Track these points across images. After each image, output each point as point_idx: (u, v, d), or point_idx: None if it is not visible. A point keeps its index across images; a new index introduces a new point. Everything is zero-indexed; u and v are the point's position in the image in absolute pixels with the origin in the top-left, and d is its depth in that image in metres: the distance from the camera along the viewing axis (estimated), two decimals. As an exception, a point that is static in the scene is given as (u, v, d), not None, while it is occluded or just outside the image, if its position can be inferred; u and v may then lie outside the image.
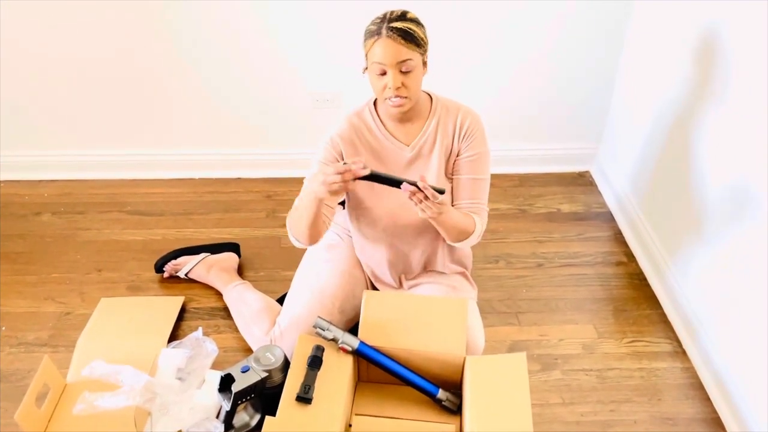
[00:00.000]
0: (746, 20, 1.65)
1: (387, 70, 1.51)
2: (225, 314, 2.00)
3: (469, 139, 1.67)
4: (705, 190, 1.85)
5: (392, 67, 1.50)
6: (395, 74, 1.51)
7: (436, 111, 1.68)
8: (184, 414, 1.63)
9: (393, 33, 1.48)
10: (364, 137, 1.68)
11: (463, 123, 1.67)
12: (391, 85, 1.52)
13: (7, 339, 1.92)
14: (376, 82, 1.55)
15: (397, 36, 1.48)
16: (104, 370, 1.67)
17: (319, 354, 1.54)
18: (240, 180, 2.58)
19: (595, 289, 2.13)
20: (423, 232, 1.75)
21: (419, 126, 1.68)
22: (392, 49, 1.49)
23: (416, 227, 1.73)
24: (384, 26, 1.50)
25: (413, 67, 1.52)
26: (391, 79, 1.51)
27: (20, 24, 2.22)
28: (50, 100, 2.40)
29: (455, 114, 1.68)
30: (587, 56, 2.38)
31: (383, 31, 1.49)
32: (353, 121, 1.68)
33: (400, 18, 1.51)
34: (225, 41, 2.30)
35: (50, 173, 2.56)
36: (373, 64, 1.52)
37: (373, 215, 1.74)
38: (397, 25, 1.49)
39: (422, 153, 1.68)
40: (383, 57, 1.50)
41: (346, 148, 1.67)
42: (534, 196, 2.53)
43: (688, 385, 1.83)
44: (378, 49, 1.50)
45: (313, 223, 1.60)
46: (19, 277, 2.13)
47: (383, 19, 1.51)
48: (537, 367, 1.87)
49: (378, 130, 1.68)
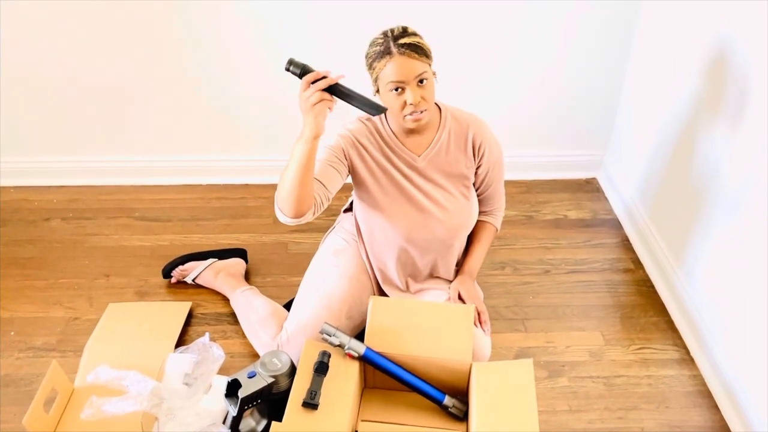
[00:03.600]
0: (753, 27, 1.65)
1: (405, 86, 1.52)
2: (232, 319, 2.00)
3: (485, 153, 1.71)
4: (712, 196, 1.84)
5: (410, 83, 1.52)
6: (414, 89, 1.52)
7: (446, 122, 1.70)
8: (190, 419, 1.63)
9: (405, 49, 1.50)
10: (376, 141, 1.70)
11: (475, 140, 1.71)
12: (411, 100, 1.53)
13: (16, 344, 1.93)
14: (394, 101, 1.55)
15: (410, 51, 1.50)
16: (109, 376, 1.67)
17: (325, 360, 1.54)
18: (247, 186, 2.59)
19: (603, 295, 2.12)
20: (435, 245, 1.77)
21: (429, 137, 1.69)
22: (408, 65, 1.50)
23: (429, 232, 1.74)
24: (392, 45, 1.50)
25: (428, 77, 1.54)
26: (411, 95, 1.52)
27: (27, 29, 2.24)
28: (58, 107, 2.41)
29: (465, 128, 1.71)
30: (594, 63, 2.38)
31: (393, 49, 1.50)
32: (367, 125, 1.71)
33: (404, 34, 1.53)
34: (232, 47, 2.31)
35: (59, 179, 2.57)
36: (388, 83, 1.53)
37: (385, 230, 1.75)
38: (405, 41, 1.51)
39: (434, 162, 1.70)
40: (401, 75, 1.50)
41: (357, 145, 1.68)
42: (541, 202, 2.53)
43: (695, 392, 1.82)
44: (393, 67, 1.50)
45: (299, 180, 1.47)
46: (28, 282, 2.14)
47: (387, 38, 1.52)
48: (544, 373, 1.86)
49: (390, 140, 1.69)
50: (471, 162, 1.73)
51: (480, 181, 1.77)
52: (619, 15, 2.27)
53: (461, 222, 1.76)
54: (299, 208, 1.53)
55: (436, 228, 1.73)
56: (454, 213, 1.74)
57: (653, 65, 2.21)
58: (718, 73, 1.81)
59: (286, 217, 1.56)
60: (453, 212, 1.74)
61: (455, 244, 1.80)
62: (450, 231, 1.75)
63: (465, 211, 1.76)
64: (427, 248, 1.77)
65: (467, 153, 1.71)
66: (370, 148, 1.70)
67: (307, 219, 1.57)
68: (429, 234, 1.74)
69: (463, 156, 1.71)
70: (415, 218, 1.72)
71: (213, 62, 2.34)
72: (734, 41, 1.74)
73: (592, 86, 2.43)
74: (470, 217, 1.78)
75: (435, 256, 1.80)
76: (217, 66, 2.35)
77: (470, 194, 1.77)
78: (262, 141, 2.53)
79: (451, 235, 1.76)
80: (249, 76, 2.38)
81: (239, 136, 2.52)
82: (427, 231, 1.73)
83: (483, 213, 1.87)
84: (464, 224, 1.78)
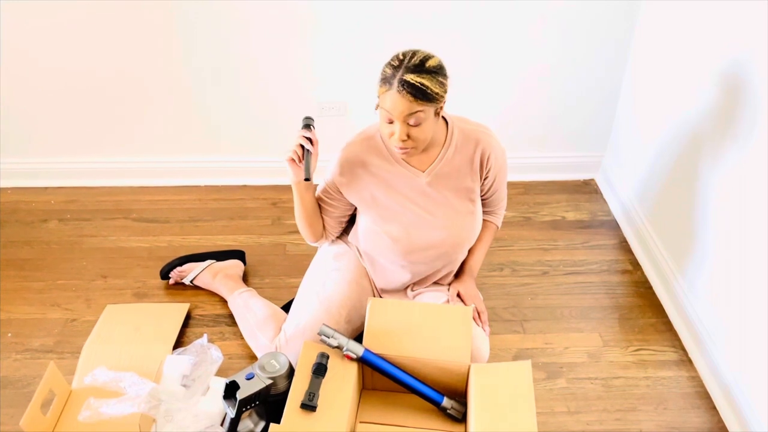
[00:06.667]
0: (753, 29, 1.65)
1: (394, 120, 1.50)
2: (230, 321, 2.00)
3: (492, 165, 1.71)
4: (710, 197, 1.84)
5: (399, 121, 1.49)
6: (402, 127, 1.49)
7: (452, 137, 1.67)
8: (188, 421, 1.63)
9: (404, 89, 1.44)
10: (373, 166, 1.68)
11: (484, 154, 1.68)
12: (396, 137, 1.51)
13: (13, 345, 1.93)
14: (384, 127, 1.54)
15: (407, 92, 1.44)
16: (107, 377, 1.67)
17: (323, 361, 1.54)
18: (245, 187, 2.59)
19: (601, 297, 2.12)
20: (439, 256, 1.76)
21: (435, 152, 1.67)
22: (400, 105, 1.46)
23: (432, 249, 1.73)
24: (397, 78, 1.45)
25: (422, 120, 1.49)
26: (398, 131, 1.50)
27: (25, 30, 2.23)
28: (57, 108, 2.41)
29: (473, 142, 1.68)
30: (593, 65, 2.38)
31: (395, 83, 1.45)
32: (363, 148, 1.68)
33: (417, 68, 1.45)
34: (232, 49, 2.31)
35: (57, 180, 2.57)
36: (382, 109, 1.51)
37: (387, 247, 1.74)
38: (410, 78, 1.44)
39: (439, 178, 1.68)
40: (391, 109, 1.48)
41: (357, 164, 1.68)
42: (539, 203, 2.53)
43: (694, 394, 1.82)
44: (387, 100, 1.47)
45: (306, 218, 1.73)
46: (26, 283, 2.14)
47: (399, 66, 1.46)
48: (542, 375, 1.86)
49: (391, 157, 1.67)
50: (477, 176, 1.70)
51: (486, 189, 1.76)
52: (618, 17, 2.27)
53: (464, 238, 1.75)
54: (315, 237, 1.81)
55: (438, 246, 1.72)
56: (457, 230, 1.72)
57: (652, 66, 2.21)
58: (717, 75, 1.82)
59: (311, 243, 1.84)
60: (455, 229, 1.72)
61: (459, 258, 1.80)
62: (453, 246, 1.74)
63: (468, 227, 1.74)
64: (430, 265, 1.77)
65: (474, 167, 1.69)
66: (374, 164, 1.67)
67: (325, 242, 1.86)
68: (431, 252, 1.73)
69: (469, 170, 1.69)
70: (417, 238, 1.71)
71: (211, 63, 2.34)
72: (734, 43, 1.74)
73: (591, 87, 2.44)
74: (473, 231, 1.77)
75: (439, 269, 1.80)
76: (215, 67, 2.35)
77: (475, 208, 1.74)
78: (261, 142, 2.53)
79: (454, 250, 1.75)
80: (248, 77, 2.37)
81: (238, 137, 2.52)
82: (429, 249, 1.72)
83: (485, 213, 1.86)
84: (467, 239, 1.77)
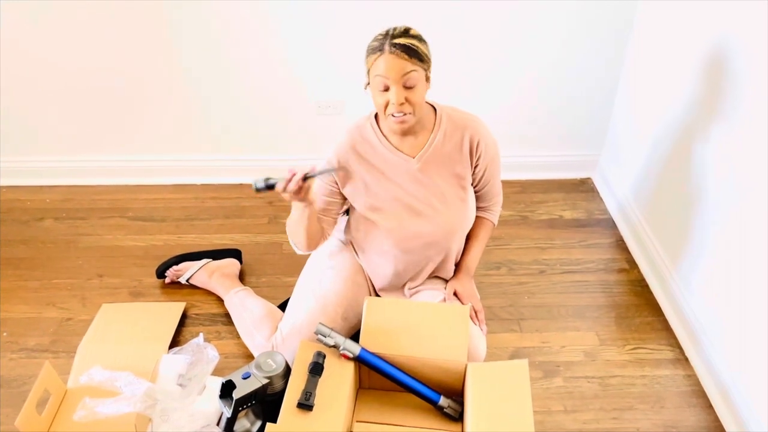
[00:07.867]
0: (750, 27, 1.65)
1: (390, 85, 1.52)
2: (226, 320, 2.00)
3: (482, 152, 1.71)
4: (707, 195, 1.85)
5: (395, 83, 1.51)
6: (398, 90, 1.52)
7: (441, 123, 1.69)
8: (184, 420, 1.62)
9: (396, 49, 1.49)
10: (365, 154, 1.69)
11: (473, 140, 1.69)
12: (394, 101, 1.53)
13: (9, 345, 1.92)
14: (379, 98, 1.55)
15: (400, 51, 1.49)
16: (102, 377, 1.66)
17: (320, 360, 1.54)
18: (242, 186, 2.59)
19: (597, 296, 2.13)
20: (431, 251, 1.76)
21: (424, 138, 1.68)
22: (395, 63, 1.49)
23: (424, 237, 1.73)
24: (387, 42, 1.50)
25: (417, 81, 1.53)
26: (395, 94, 1.52)
27: (21, 29, 2.23)
28: (52, 106, 2.41)
29: (461, 128, 1.69)
30: (590, 64, 2.38)
31: (386, 47, 1.50)
32: (354, 138, 1.70)
33: (403, 34, 1.52)
34: (229, 48, 2.31)
35: (52, 179, 2.56)
36: (375, 77, 1.53)
37: (379, 240, 1.74)
38: (400, 41, 1.50)
39: (430, 164, 1.69)
40: (386, 71, 1.50)
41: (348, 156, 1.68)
42: (536, 202, 2.53)
43: (690, 392, 1.83)
44: (381, 64, 1.50)
45: (306, 232, 1.67)
46: (21, 282, 2.13)
47: (386, 36, 1.52)
48: (539, 374, 1.86)
49: (381, 144, 1.68)
50: (467, 162, 1.71)
51: (478, 179, 1.77)
52: (615, 15, 2.27)
53: (456, 225, 1.75)
54: (314, 246, 1.76)
55: (430, 233, 1.72)
56: (449, 217, 1.72)
57: (649, 65, 2.21)
58: (714, 73, 1.82)
59: (302, 252, 1.77)
60: (447, 216, 1.72)
61: (452, 247, 1.79)
62: (446, 235, 1.74)
63: (460, 214, 1.75)
64: (423, 254, 1.77)
65: (463, 153, 1.70)
66: (366, 151, 1.68)
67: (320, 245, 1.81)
68: (423, 240, 1.73)
69: (459, 156, 1.70)
70: (409, 225, 1.71)
71: (208, 62, 2.33)
72: (730, 41, 1.74)
73: (588, 86, 2.44)
74: (465, 219, 1.78)
75: (432, 260, 1.79)
76: (212, 66, 2.34)
77: (467, 195, 1.75)
78: (257, 141, 2.53)
79: (447, 238, 1.75)
80: (244, 75, 2.37)
81: (233, 135, 2.51)
82: (422, 237, 1.72)
83: (480, 209, 1.86)
84: (460, 227, 1.77)
